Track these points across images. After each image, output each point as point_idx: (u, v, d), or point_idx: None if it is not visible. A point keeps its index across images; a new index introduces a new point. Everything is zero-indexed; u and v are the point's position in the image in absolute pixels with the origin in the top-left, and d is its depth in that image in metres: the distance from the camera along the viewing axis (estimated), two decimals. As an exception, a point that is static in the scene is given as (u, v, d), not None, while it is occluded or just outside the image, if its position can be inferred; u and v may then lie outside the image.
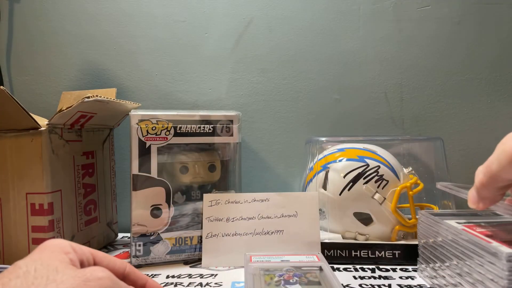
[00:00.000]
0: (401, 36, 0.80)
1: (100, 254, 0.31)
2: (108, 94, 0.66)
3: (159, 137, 0.57)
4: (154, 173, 0.57)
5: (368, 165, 0.63)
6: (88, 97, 0.52)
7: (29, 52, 0.79)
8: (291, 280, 0.41)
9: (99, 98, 0.53)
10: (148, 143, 0.57)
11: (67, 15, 0.78)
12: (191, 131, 0.59)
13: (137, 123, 0.56)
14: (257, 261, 0.48)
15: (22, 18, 0.78)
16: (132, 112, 0.57)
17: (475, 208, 0.36)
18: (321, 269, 0.47)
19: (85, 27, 0.78)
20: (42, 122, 0.53)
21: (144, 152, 0.57)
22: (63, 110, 0.52)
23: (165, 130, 0.57)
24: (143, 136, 0.57)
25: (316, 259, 0.49)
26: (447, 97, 0.80)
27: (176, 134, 0.58)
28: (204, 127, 0.59)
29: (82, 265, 0.29)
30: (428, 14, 0.79)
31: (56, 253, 0.26)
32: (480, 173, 0.33)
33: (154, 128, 0.57)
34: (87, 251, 0.29)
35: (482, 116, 0.80)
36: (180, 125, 0.58)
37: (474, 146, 0.80)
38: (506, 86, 0.80)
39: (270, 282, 0.41)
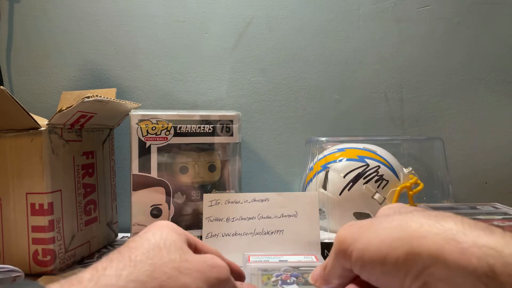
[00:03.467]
0: (401, 36, 0.80)
1: (199, 242, 0.31)
2: (108, 94, 0.66)
3: (159, 137, 0.57)
4: (154, 173, 0.57)
5: (368, 165, 0.63)
6: (88, 97, 0.52)
7: (29, 52, 0.78)
8: (288, 280, 0.41)
9: (99, 98, 0.53)
10: (148, 143, 0.57)
11: (67, 15, 0.78)
12: (191, 131, 0.59)
13: (137, 123, 0.56)
14: (255, 261, 0.48)
15: (22, 18, 0.78)
16: (132, 112, 0.57)
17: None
18: None
19: (85, 27, 0.78)
20: (42, 122, 0.53)
21: (144, 152, 0.57)
22: (63, 110, 0.52)
23: (165, 130, 0.57)
24: (143, 136, 0.57)
25: (314, 259, 0.49)
26: (447, 97, 0.80)
27: (176, 134, 0.58)
28: (204, 127, 0.59)
29: (190, 248, 0.28)
30: (428, 14, 0.79)
31: (175, 233, 0.26)
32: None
33: (154, 128, 0.57)
34: (191, 236, 0.29)
35: (482, 116, 0.80)
36: (180, 125, 0.58)
37: (474, 146, 0.80)
38: (506, 86, 0.80)
39: (268, 282, 0.41)
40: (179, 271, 0.23)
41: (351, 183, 0.62)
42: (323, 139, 0.69)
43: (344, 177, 0.62)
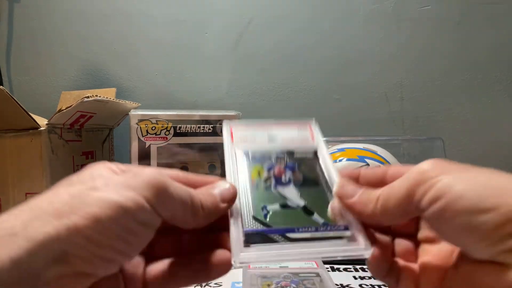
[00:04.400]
0: (401, 36, 0.79)
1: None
2: (107, 94, 0.66)
3: (159, 137, 0.57)
4: (154, 173, 0.57)
5: (368, 165, 0.62)
6: (88, 97, 0.52)
7: (29, 52, 0.78)
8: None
9: (98, 98, 0.53)
10: (147, 143, 0.57)
11: (66, 15, 0.78)
12: (191, 131, 0.59)
13: (136, 123, 0.56)
14: (255, 267, 0.48)
15: (21, 18, 0.78)
16: (132, 112, 0.57)
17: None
18: (319, 275, 0.46)
19: (85, 27, 0.78)
20: (42, 122, 0.53)
21: (144, 152, 0.56)
22: (63, 110, 0.52)
23: (165, 130, 0.57)
24: (142, 136, 0.57)
25: (315, 265, 0.49)
26: (447, 97, 0.80)
27: (176, 134, 0.58)
28: (204, 127, 0.59)
29: None
30: (428, 14, 0.79)
31: (106, 168, 0.22)
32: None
33: (153, 128, 0.57)
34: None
35: (483, 116, 0.80)
36: (180, 125, 0.58)
37: (474, 146, 0.80)
38: (507, 86, 0.80)
39: None
40: (93, 189, 0.19)
41: (351, 183, 0.61)
42: (323, 139, 0.69)
43: (344, 177, 0.62)
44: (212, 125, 0.59)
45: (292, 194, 0.28)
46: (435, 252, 0.24)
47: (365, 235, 0.23)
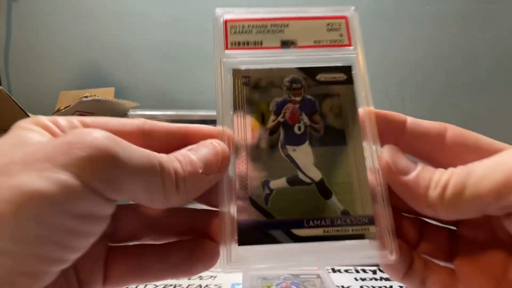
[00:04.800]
0: (402, 34, 0.79)
1: (100, 120, 0.19)
2: (106, 93, 0.66)
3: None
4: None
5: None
6: (86, 97, 0.52)
7: (27, 51, 0.78)
8: None
9: (97, 97, 0.53)
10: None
11: (65, 15, 0.78)
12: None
13: (135, 122, 0.56)
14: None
15: (20, 17, 0.78)
16: (131, 112, 0.57)
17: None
18: (319, 277, 0.46)
19: (83, 26, 0.78)
20: (41, 121, 0.52)
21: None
22: (61, 110, 0.52)
23: (164, 129, 0.57)
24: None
25: (315, 267, 0.48)
26: (448, 96, 0.79)
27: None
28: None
29: None
30: (429, 13, 0.78)
31: (37, 127, 0.16)
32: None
33: (152, 127, 0.57)
34: (77, 121, 0.18)
35: (484, 116, 0.79)
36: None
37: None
38: (508, 86, 0.79)
39: None
40: (4, 172, 0.14)
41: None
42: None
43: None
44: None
45: (306, 159, 0.19)
46: (487, 257, 0.18)
47: (394, 232, 0.18)
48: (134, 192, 0.15)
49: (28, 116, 0.50)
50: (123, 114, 0.67)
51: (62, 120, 0.17)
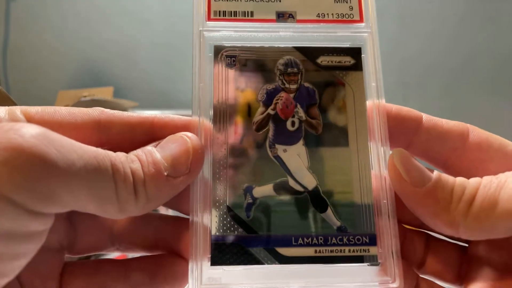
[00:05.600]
0: (404, 32, 0.77)
1: (47, 110, 0.15)
2: (104, 93, 0.65)
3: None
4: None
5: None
6: (85, 97, 0.51)
7: (26, 51, 0.79)
8: None
9: (95, 97, 0.52)
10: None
11: (64, 14, 0.78)
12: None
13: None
14: None
15: (18, 17, 0.79)
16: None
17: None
18: None
19: (82, 25, 0.78)
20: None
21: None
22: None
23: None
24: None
25: None
26: (450, 95, 0.78)
27: (173, 134, 0.56)
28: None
29: None
30: (431, 11, 0.77)
31: None
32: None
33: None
34: (20, 112, 0.15)
35: (486, 115, 0.77)
36: (178, 125, 0.56)
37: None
38: (510, 85, 0.77)
39: None
40: None
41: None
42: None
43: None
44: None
45: (299, 162, 0.16)
46: (505, 283, 0.15)
47: (399, 253, 0.15)
48: (76, 202, 0.12)
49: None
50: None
51: (2, 111, 0.14)
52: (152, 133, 0.16)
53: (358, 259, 0.15)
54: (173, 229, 0.16)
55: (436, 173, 0.15)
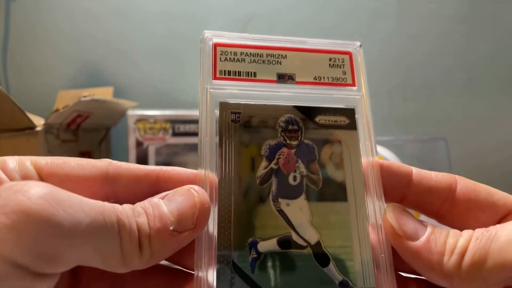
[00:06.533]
0: (404, 34, 0.77)
1: (57, 162, 0.16)
2: (104, 93, 0.65)
3: (157, 137, 0.56)
4: (151, 175, 0.56)
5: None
6: (85, 97, 0.51)
7: (26, 51, 0.78)
8: None
9: (95, 97, 0.52)
10: (145, 144, 0.56)
11: (64, 14, 0.77)
12: (190, 131, 0.58)
13: (134, 123, 0.55)
14: None
15: (18, 16, 0.77)
16: (129, 112, 0.56)
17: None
18: None
19: (82, 25, 0.77)
20: (38, 122, 0.52)
21: (142, 152, 0.56)
22: (60, 109, 0.51)
23: (163, 130, 0.56)
24: (140, 137, 0.56)
25: None
26: (451, 96, 0.79)
27: (175, 134, 0.57)
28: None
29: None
30: (432, 12, 0.77)
31: None
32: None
33: (151, 128, 0.56)
34: (30, 163, 0.15)
35: (487, 116, 0.78)
36: (179, 125, 0.57)
37: (478, 146, 0.79)
38: (511, 86, 0.78)
39: None
40: None
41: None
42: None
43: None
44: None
45: (301, 217, 0.17)
46: None
47: None
48: (81, 259, 0.12)
49: (26, 116, 0.49)
50: (122, 113, 0.66)
51: (12, 162, 0.15)
52: (158, 185, 0.16)
53: None
54: (175, 284, 0.16)
55: (429, 226, 0.16)
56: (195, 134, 0.58)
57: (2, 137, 0.51)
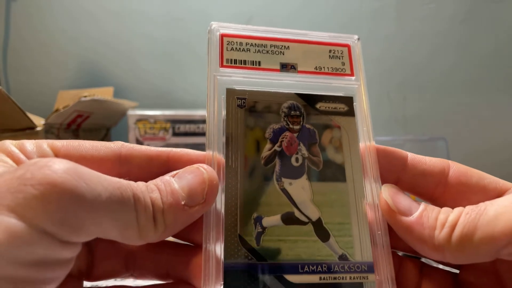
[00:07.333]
0: (404, 34, 0.78)
1: (72, 144, 0.17)
2: (105, 93, 0.65)
3: (157, 137, 0.56)
4: (152, 174, 0.56)
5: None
6: (85, 97, 0.51)
7: (26, 51, 0.78)
8: None
9: (96, 97, 0.52)
10: (146, 144, 0.56)
11: (64, 14, 0.77)
12: (190, 131, 0.58)
13: (134, 123, 0.56)
14: None
15: (18, 16, 0.77)
16: (130, 112, 0.56)
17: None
18: None
19: (82, 25, 0.77)
20: (39, 121, 0.52)
21: (142, 152, 0.56)
22: (60, 109, 0.51)
23: (163, 130, 0.57)
24: (140, 136, 0.56)
25: None
26: (451, 96, 0.79)
27: (175, 134, 0.57)
28: (203, 127, 0.58)
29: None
30: (431, 13, 0.77)
31: None
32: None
33: (151, 128, 0.56)
34: (47, 145, 0.16)
35: (487, 116, 0.79)
36: (179, 125, 0.57)
37: (478, 146, 0.79)
38: (511, 85, 0.79)
39: None
40: None
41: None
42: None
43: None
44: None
45: (303, 195, 0.18)
46: None
47: (394, 280, 0.17)
48: (101, 230, 0.13)
49: (26, 116, 0.49)
50: (122, 113, 0.66)
51: (30, 144, 0.16)
52: (168, 165, 0.17)
53: (359, 286, 0.16)
54: (183, 257, 0.17)
55: (422, 204, 0.17)
56: (195, 134, 0.58)
57: (3, 137, 0.51)
